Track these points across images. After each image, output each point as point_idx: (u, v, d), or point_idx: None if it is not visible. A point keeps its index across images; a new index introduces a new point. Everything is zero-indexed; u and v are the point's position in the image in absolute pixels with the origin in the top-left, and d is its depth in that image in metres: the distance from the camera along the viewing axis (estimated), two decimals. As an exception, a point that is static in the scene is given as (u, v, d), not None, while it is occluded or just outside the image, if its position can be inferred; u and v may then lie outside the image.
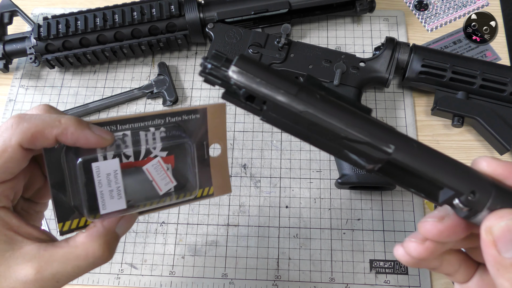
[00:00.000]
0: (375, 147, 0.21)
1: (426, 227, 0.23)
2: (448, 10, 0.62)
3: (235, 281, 0.48)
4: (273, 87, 0.22)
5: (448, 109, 0.51)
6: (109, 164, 0.28)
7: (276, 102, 0.22)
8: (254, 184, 0.53)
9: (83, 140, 0.26)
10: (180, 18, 0.55)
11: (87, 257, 0.26)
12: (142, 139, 0.29)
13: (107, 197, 0.28)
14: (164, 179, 0.31)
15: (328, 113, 0.21)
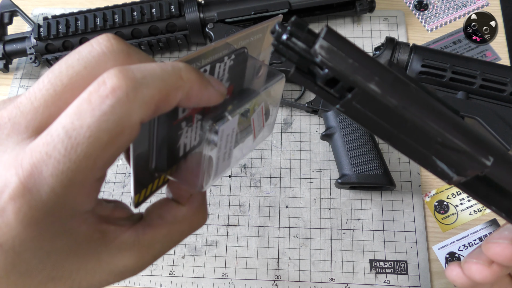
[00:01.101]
0: (473, 157, 0.18)
1: (497, 250, 0.21)
2: (448, 10, 0.62)
3: (235, 281, 0.49)
4: (368, 73, 0.18)
5: (448, 109, 0.51)
6: (230, 124, 0.22)
7: (368, 91, 0.18)
8: (254, 184, 0.53)
9: (205, 101, 0.20)
10: (180, 18, 0.55)
11: (192, 230, 0.24)
12: (215, 73, 0.23)
13: (221, 161, 0.24)
14: (259, 125, 0.27)
15: (427, 111, 0.18)
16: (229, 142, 0.23)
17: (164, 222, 0.23)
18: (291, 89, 0.57)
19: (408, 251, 0.49)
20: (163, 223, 0.23)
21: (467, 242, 0.49)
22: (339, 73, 0.18)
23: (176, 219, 0.23)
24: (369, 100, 0.18)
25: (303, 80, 0.19)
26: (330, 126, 0.52)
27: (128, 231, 0.22)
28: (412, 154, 0.19)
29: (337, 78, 0.18)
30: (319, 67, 0.18)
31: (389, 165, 0.52)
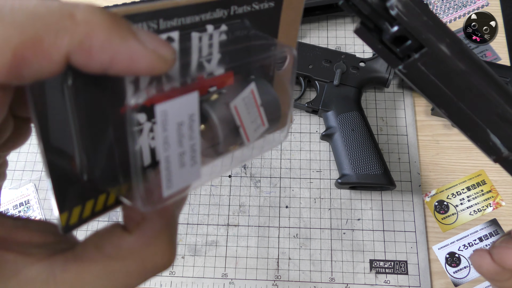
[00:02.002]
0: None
1: None
2: (448, 10, 0.62)
3: (235, 281, 0.49)
4: (441, 33, 0.17)
5: (448, 109, 0.51)
6: (184, 104, 0.15)
7: (438, 51, 0.17)
8: (254, 184, 0.53)
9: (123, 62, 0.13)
10: (180, 18, 0.55)
11: (144, 271, 0.16)
12: (194, 46, 0.16)
13: (175, 166, 0.16)
14: (255, 121, 0.19)
15: (493, 81, 0.17)
16: (189, 137, 0.15)
17: (100, 255, 0.15)
18: (291, 89, 0.57)
19: (408, 251, 0.49)
20: (98, 256, 0.15)
21: (467, 242, 0.49)
22: (413, 29, 0.17)
23: (119, 253, 0.16)
24: (437, 62, 0.17)
25: (368, 36, 0.18)
26: (330, 126, 0.52)
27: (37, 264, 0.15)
28: (466, 126, 0.19)
29: (407, 36, 0.17)
30: (389, 23, 0.17)
31: (389, 165, 0.52)
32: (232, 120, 0.17)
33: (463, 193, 0.51)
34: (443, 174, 0.52)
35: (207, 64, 0.16)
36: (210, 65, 0.16)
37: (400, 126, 0.55)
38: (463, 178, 0.52)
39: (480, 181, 0.52)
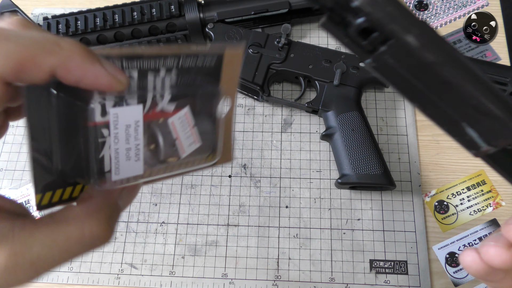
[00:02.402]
0: (507, 125, 0.17)
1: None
2: (448, 10, 0.62)
3: (235, 281, 0.48)
4: (407, 23, 0.16)
5: (448, 109, 0.51)
6: (131, 112, 0.20)
7: (405, 43, 0.16)
8: (254, 184, 0.53)
9: (90, 78, 0.18)
10: (180, 18, 0.55)
11: (82, 237, 0.19)
12: (150, 84, 0.21)
13: (122, 158, 0.21)
14: (188, 138, 0.24)
15: (465, 72, 0.17)
16: (134, 136, 0.21)
17: (50, 220, 0.19)
18: (291, 89, 0.57)
19: (408, 251, 0.49)
20: (49, 221, 0.19)
21: (467, 242, 0.49)
22: (376, 21, 0.16)
23: (64, 219, 0.20)
24: (405, 54, 0.16)
25: (334, 30, 0.18)
26: (330, 126, 0.52)
27: (2, 221, 0.19)
28: (440, 119, 0.18)
29: (372, 28, 0.17)
30: (353, 15, 0.17)
31: (389, 165, 0.52)
32: (170, 133, 0.22)
33: (463, 193, 0.51)
34: (443, 174, 0.52)
35: (160, 99, 0.22)
36: (163, 101, 0.22)
37: (400, 126, 0.55)
38: (463, 178, 0.52)
39: (480, 181, 0.52)
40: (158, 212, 0.52)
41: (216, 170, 0.54)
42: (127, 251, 0.50)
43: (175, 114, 0.23)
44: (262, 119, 0.56)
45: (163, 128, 0.22)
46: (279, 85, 0.58)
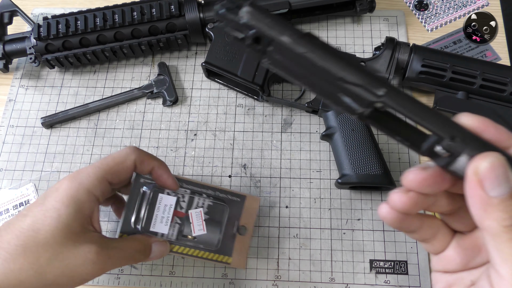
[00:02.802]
0: (368, 89, 0.22)
1: (409, 177, 0.24)
2: (448, 10, 0.62)
3: (235, 281, 0.48)
4: (280, 29, 0.23)
5: (448, 109, 0.51)
6: (169, 199, 0.42)
7: (282, 42, 0.23)
8: (254, 184, 0.53)
9: (163, 178, 0.40)
10: (180, 18, 0.55)
11: (132, 250, 0.37)
12: (195, 201, 0.44)
13: (158, 220, 0.41)
14: (199, 225, 0.43)
15: (329, 55, 0.23)
16: (167, 211, 0.42)
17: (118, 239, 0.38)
18: (291, 89, 0.57)
19: (408, 251, 0.49)
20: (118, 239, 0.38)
21: (467, 242, 0.49)
22: (259, 30, 0.23)
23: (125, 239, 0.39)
24: (285, 50, 0.23)
25: (237, 42, 0.24)
26: (330, 126, 0.52)
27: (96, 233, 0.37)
28: (323, 93, 0.24)
29: (260, 36, 0.23)
30: (246, 29, 0.24)
31: (389, 165, 0.52)
32: (188, 218, 0.43)
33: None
34: (443, 174, 0.52)
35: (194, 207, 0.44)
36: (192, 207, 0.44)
37: (400, 126, 0.55)
38: (463, 178, 0.52)
39: (480, 181, 0.52)
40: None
41: (216, 170, 0.54)
42: (127, 251, 0.50)
43: (194, 209, 0.43)
44: (262, 119, 0.56)
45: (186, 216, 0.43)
46: (279, 85, 0.58)
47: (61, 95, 0.59)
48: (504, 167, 0.21)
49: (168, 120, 0.57)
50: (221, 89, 0.58)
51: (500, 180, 0.21)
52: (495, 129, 0.23)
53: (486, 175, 0.21)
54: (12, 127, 0.57)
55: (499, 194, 0.21)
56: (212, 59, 0.54)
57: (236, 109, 0.57)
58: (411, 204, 0.24)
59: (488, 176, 0.21)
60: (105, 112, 0.58)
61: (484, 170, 0.21)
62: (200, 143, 0.55)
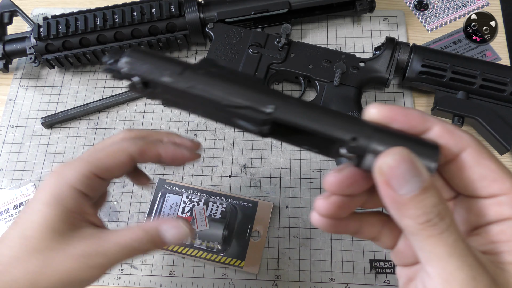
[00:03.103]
0: (256, 109, 0.22)
1: (327, 180, 0.23)
2: (448, 10, 0.62)
3: (235, 281, 0.48)
4: (160, 71, 0.24)
5: (448, 109, 0.51)
6: (175, 198, 0.49)
7: (165, 83, 0.23)
8: (254, 184, 0.53)
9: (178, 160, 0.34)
10: (180, 18, 0.55)
11: (133, 240, 0.31)
12: (209, 208, 0.49)
13: (200, 222, 0.48)
14: (202, 221, 0.48)
15: (212, 83, 0.23)
16: (174, 210, 0.49)
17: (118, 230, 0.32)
18: (291, 89, 0.57)
19: (408, 251, 0.49)
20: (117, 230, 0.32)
21: (467, 242, 0.49)
22: (141, 77, 0.24)
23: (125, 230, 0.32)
24: (170, 89, 0.23)
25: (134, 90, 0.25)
26: (330, 126, 0.51)
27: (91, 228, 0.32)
28: (220, 120, 0.24)
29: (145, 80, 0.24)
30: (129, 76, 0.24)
31: (389, 165, 0.52)
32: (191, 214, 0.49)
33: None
34: (443, 174, 0.52)
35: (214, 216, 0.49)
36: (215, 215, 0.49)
37: (400, 126, 0.55)
38: (463, 178, 0.52)
39: (480, 181, 0.52)
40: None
41: (216, 170, 0.54)
42: (127, 251, 0.50)
43: (197, 207, 0.49)
44: (262, 119, 0.56)
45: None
46: (279, 85, 0.58)
47: (61, 95, 0.59)
48: (408, 162, 0.20)
49: (168, 120, 0.57)
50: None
51: (407, 177, 0.19)
52: (404, 115, 0.22)
53: (391, 174, 0.20)
54: (12, 127, 0.57)
55: (408, 191, 0.19)
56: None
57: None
58: (335, 208, 0.23)
59: (393, 175, 0.20)
60: (105, 112, 0.58)
61: (387, 169, 0.20)
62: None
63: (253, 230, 0.48)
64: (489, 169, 0.22)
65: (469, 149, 0.22)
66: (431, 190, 0.20)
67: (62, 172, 0.31)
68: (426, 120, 0.22)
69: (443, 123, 0.22)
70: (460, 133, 0.22)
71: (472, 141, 0.22)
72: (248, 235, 0.48)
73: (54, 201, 0.30)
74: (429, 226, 0.19)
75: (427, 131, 0.22)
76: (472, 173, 0.22)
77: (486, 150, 0.22)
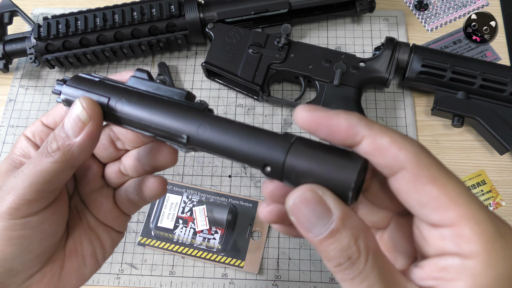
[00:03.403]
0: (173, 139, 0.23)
1: (264, 189, 0.22)
2: (448, 10, 0.62)
3: (235, 281, 0.48)
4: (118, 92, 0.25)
5: (448, 109, 0.51)
6: (175, 198, 0.50)
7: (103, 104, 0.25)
8: (254, 184, 0.53)
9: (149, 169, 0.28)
10: (180, 18, 0.55)
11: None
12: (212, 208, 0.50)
13: (165, 217, 0.49)
14: (202, 221, 0.49)
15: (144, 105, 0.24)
16: (174, 209, 0.50)
17: None
18: (291, 89, 0.57)
19: (408, 251, 0.49)
20: None
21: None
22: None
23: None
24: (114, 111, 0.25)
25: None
26: (330, 126, 0.51)
27: None
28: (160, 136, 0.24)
29: None
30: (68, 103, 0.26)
31: (389, 165, 0.52)
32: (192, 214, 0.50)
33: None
34: (443, 174, 0.52)
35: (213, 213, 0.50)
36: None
37: (400, 126, 0.55)
38: (463, 178, 0.52)
39: (480, 181, 0.52)
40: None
41: (216, 170, 0.54)
42: (127, 251, 0.50)
43: (198, 207, 0.49)
44: (262, 119, 0.56)
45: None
46: (279, 85, 0.58)
47: (61, 95, 0.59)
48: (313, 204, 0.18)
49: (168, 120, 0.57)
50: (221, 89, 0.58)
51: (313, 219, 0.18)
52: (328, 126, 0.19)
53: (299, 216, 0.19)
54: (12, 127, 0.57)
55: (316, 234, 0.18)
56: (212, 59, 0.54)
57: (236, 109, 0.57)
58: (271, 214, 0.22)
59: (301, 217, 0.19)
60: (105, 112, 0.58)
61: (295, 210, 0.19)
62: (200, 143, 0.55)
63: (253, 230, 0.48)
64: (428, 195, 0.18)
65: (403, 172, 0.18)
66: (341, 232, 0.18)
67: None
68: (354, 133, 0.19)
69: (375, 135, 0.19)
70: (394, 151, 0.18)
71: (410, 160, 0.18)
72: (248, 235, 0.48)
73: None
74: (340, 270, 0.18)
75: (357, 144, 0.19)
76: (409, 199, 0.19)
77: (428, 171, 0.18)
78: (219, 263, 0.48)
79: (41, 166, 0.23)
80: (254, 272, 0.48)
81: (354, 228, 0.18)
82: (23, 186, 0.23)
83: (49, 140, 0.24)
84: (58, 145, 0.23)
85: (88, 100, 0.24)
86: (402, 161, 0.18)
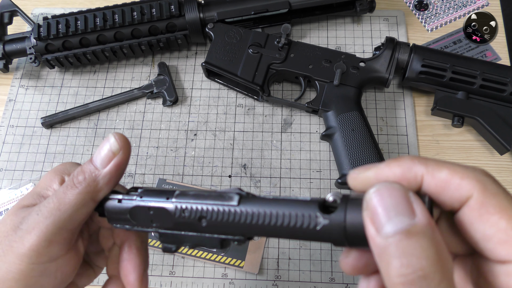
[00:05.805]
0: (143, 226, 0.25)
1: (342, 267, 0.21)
2: (448, 10, 0.62)
3: (235, 281, 0.48)
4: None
5: (448, 109, 0.51)
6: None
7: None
8: (254, 184, 0.53)
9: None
10: (180, 18, 0.55)
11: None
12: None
13: None
14: None
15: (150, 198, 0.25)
16: None
17: None
18: (291, 89, 0.57)
19: (408, 251, 0.49)
20: None
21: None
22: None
23: None
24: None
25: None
26: (330, 126, 0.52)
27: None
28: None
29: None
30: None
31: (389, 165, 0.52)
32: None
33: None
34: (443, 174, 0.52)
35: None
36: None
37: (400, 126, 0.55)
38: (463, 178, 0.52)
39: (480, 181, 0.52)
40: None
41: (216, 170, 0.54)
42: (127, 251, 0.50)
43: None
44: (262, 119, 0.56)
45: None
46: (279, 85, 0.58)
47: (61, 95, 0.59)
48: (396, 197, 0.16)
49: (168, 120, 0.57)
50: (221, 89, 0.58)
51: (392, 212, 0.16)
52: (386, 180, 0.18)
53: (374, 208, 0.16)
54: (12, 127, 0.57)
55: (391, 231, 0.16)
56: (212, 59, 0.54)
57: (236, 109, 0.57)
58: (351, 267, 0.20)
59: (375, 210, 0.16)
60: (105, 112, 0.58)
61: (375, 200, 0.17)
62: (200, 143, 0.55)
63: None
64: (495, 227, 0.16)
65: (470, 201, 0.17)
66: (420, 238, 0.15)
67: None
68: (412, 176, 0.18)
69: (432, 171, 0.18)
70: (456, 181, 0.17)
71: (475, 187, 0.17)
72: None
73: None
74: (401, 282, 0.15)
75: (420, 185, 0.18)
76: (474, 232, 0.17)
77: (495, 199, 0.17)
78: (219, 263, 0.48)
79: (65, 199, 0.23)
80: (254, 272, 0.48)
81: (435, 240, 0.15)
82: (46, 225, 0.22)
83: (75, 173, 0.24)
84: (85, 176, 0.24)
85: (121, 134, 0.25)
86: (466, 189, 0.17)
